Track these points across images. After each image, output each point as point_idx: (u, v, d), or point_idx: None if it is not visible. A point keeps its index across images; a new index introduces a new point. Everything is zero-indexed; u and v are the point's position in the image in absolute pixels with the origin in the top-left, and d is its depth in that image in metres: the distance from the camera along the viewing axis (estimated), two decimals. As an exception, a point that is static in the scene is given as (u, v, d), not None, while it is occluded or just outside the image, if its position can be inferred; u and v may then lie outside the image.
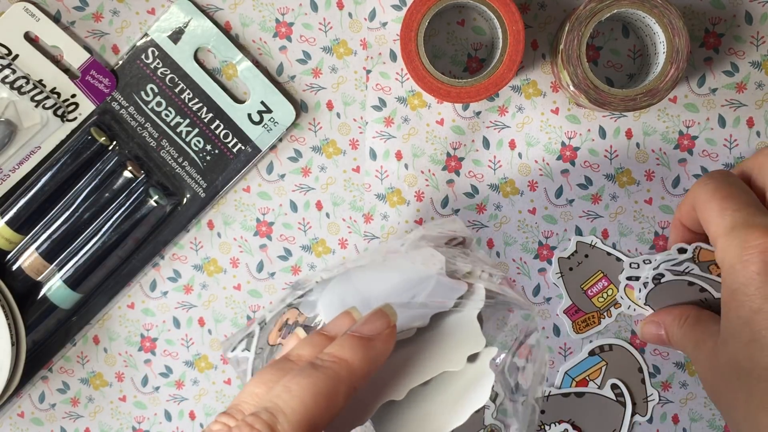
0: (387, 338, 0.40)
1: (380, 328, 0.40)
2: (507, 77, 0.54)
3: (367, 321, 0.40)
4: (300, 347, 0.41)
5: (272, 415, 0.36)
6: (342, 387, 0.37)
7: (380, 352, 0.39)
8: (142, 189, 0.58)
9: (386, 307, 0.40)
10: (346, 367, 0.38)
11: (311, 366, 0.38)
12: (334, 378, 0.37)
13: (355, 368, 0.38)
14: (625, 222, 0.59)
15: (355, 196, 0.60)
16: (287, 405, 0.36)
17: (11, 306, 0.58)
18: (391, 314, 0.40)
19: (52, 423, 0.62)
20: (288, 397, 0.37)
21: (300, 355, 0.40)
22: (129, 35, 0.59)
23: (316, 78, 0.59)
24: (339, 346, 0.39)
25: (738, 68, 0.58)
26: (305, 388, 0.37)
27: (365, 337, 0.39)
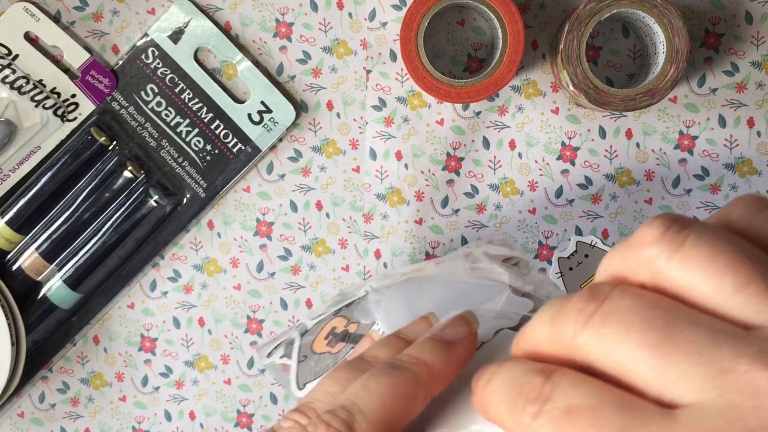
0: (468, 344, 0.38)
1: (462, 334, 0.38)
2: (507, 77, 0.54)
3: (448, 325, 0.38)
4: (375, 348, 0.39)
5: (350, 413, 0.34)
6: (421, 390, 0.36)
7: (461, 358, 0.37)
8: (142, 189, 0.58)
9: (467, 313, 0.39)
10: (426, 369, 0.36)
11: (391, 366, 0.36)
12: (414, 379, 0.36)
13: (436, 371, 0.36)
14: (625, 222, 0.59)
15: (355, 196, 0.60)
16: (365, 404, 0.35)
17: (11, 306, 0.58)
18: (473, 321, 0.39)
19: (52, 423, 0.62)
20: (366, 396, 0.35)
21: (376, 356, 0.38)
22: (129, 35, 0.59)
23: (316, 78, 0.59)
24: (419, 347, 0.37)
25: (738, 68, 0.58)
26: (385, 387, 0.35)
27: (446, 340, 0.37)
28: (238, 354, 0.61)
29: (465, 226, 0.59)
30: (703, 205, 0.59)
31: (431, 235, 0.59)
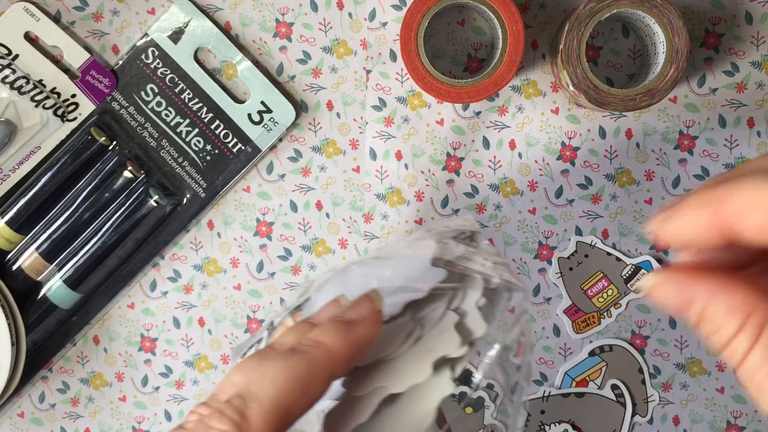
0: (371, 323, 0.38)
1: (364, 313, 0.39)
2: (507, 77, 0.54)
3: (351, 306, 0.39)
4: (284, 335, 0.40)
5: (244, 400, 0.35)
6: (319, 372, 0.36)
7: (363, 337, 0.38)
8: (142, 189, 0.58)
9: (372, 292, 0.40)
10: (325, 351, 0.37)
11: (289, 351, 0.37)
12: (311, 362, 0.36)
13: (335, 352, 0.37)
14: (625, 222, 0.59)
15: (355, 196, 0.60)
16: (260, 389, 0.35)
17: (11, 306, 0.58)
18: (376, 298, 0.39)
19: (52, 423, 0.62)
20: (262, 382, 0.36)
21: (283, 343, 0.39)
22: (129, 35, 0.59)
23: (316, 78, 0.59)
24: (320, 330, 0.38)
25: (738, 68, 0.58)
26: (280, 372, 0.36)
27: (347, 321, 0.38)
28: (238, 354, 0.61)
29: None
30: (703, 205, 0.59)
31: (431, 235, 0.59)
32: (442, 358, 0.41)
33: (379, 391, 0.41)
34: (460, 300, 0.43)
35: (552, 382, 0.60)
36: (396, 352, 0.41)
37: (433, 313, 0.42)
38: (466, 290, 0.43)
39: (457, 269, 0.43)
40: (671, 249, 0.51)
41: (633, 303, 0.59)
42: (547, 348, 0.60)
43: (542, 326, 0.60)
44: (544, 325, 0.60)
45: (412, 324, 0.42)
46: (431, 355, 0.41)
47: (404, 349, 0.41)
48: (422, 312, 0.42)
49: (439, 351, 0.41)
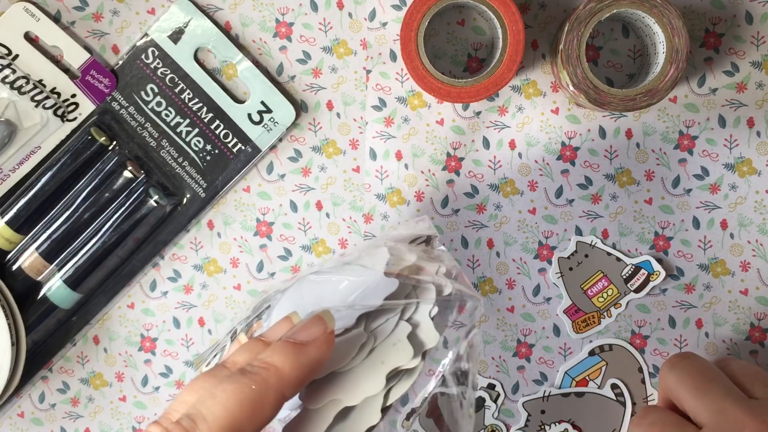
0: (322, 344, 0.39)
1: (315, 334, 0.39)
2: (507, 77, 0.54)
3: (303, 327, 0.39)
4: (237, 354, 0.40)
5: (193, 421, 0.36)
6: (270, 394, 0.37)
7: (314, 359, 0.39)
8: (142, 189, 0.58)
9: (324, 312, 0.40)
10: (275, 373, 0.37)
11: (240, 372, 0.37)
12: (261, 384, 0.37)
13: (285, 375, 0.37)
14: (625, 222, 0.59)
15: (355, 196, 0.60)
16: (210, 411, 0.36)
17: (11, 306, 0.58)
18: (328, 320, 0.40)
19: (52, 423, 0.62)
20: (212, 404, 0.36)
21: (235, 362, 0.39)
22: (129, 35, 0.59)
23: (316, 78, 0.59)
24: (271, 351, 0.38)
25: (738, 68, 0.58)
26: (230, 394, 0.36)
27: (299, 342, 0.39)
28: (238, 354, 0.61)
29: (465, 226, 0.59)
30: (703, 205, 0.59)
31: (431, 235, 0.60)
32: (395, 369, 0.41)
33: (334, 404, 0.41)
34: (414, 310, 0.43)
35: (552, 382, 0.60)
36: (350, 364, 0.41)
37: (387, 325, 0.42)
38: (419, 301, 0.43)
39: (410, 280, 0.44)
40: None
41: (633, 303, 0.59)
42: (547, 348, 0.60)
43: (542, 326, 0.60)
44: (544, 325, 0.60)
45: (365, 335, 0.42)
46: (385, 367, 0.41)
47: (358, 362, 0.41)
48: (376, 323, 0.43)
49: (393, 363, 0.41)
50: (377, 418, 0.41)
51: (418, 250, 0.46)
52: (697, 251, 0.59)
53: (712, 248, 0.59)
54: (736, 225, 0.59)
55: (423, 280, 0.44)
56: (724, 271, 0.59)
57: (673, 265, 0.59)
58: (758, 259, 0.59)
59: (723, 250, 0.59)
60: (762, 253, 0.59)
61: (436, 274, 0.44)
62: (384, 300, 0.42)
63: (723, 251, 0.59)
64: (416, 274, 0.44)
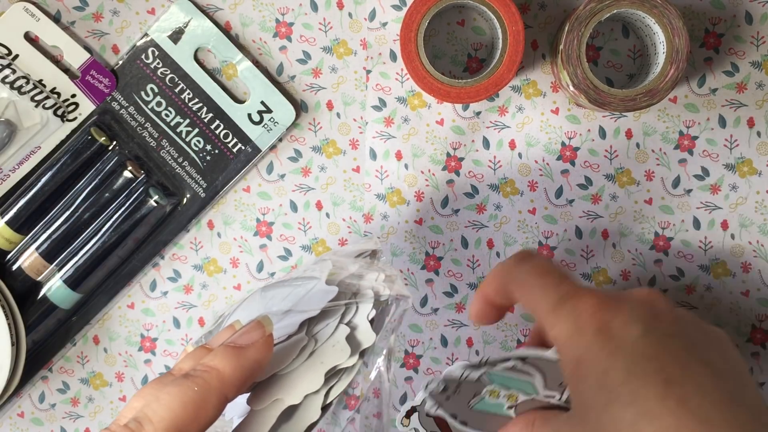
0: (261, 347, 0.41)
1: (254, 338, 0.41)
2: (507, 77, 0.54)
3: (243, 332, 0.42)
4: (182, 361, 0.42)
5: (139, 423, 0.38)
6: (212, 395, 0.39)
7: (254, 361, 0.41)
8: (142, 189, 0.58)
9: (263, 317, 0.42)
10: (216, 375, 0.40)
11: (183, 376, 0.40)
12: (203, 386, 0.39)
13: (227, 377, 0.40)
14: (625, 222, 0.59)
15: (355, 196, 0.60)
16: (155, 413, 0.38)
17: (11, 306, 0.58)
18: (266, 324, 0.42)
19: (52, 423, 0.62)
20: (156, 406, 0.38)
21: (181, 368, 0.42)
22: (129, 35, 0.59)
23: (316, 78, 0.59)
24: (212, 356, 0.41)
25: (738, 68, 0.58)
26: (174, 397, 0.39)
27: (238, 346, 0.41)
28: (238, 354, 0.61)
29: (465, 226, 0.59)
30: (703, 206, 0.59)
31: (431, 235, 0.59)
32: (333, 368, 0.44)
33: (277, 404, 0.43)
34: (353, 314, 0.46)
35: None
36: (291, 366, 0.44)
37: (327, 329, 0.45)
38: (358, 305, 0.46)
39: (350, 288, 0.47)
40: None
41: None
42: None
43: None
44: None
45: (306, 339, 0.45)
46: (324, 367, 0.44)
47: (298, 363, 0.44)
48: (317, 328, 0.45)
49: (331, 362, 0.44)
50: (317, 415, 0.44)
51: (360, 262, 0.50)
52: (697, 252, 0.59)
53: (713, 249, 0.59)
54: (736, 226, 0.59)
55: (363, 286, 0.47)
56: (725, 272, 0.59)
57: (674, 266, 0.59)
58: (759, 260, 0.59)
59: (724, 251, 0.59)
60: (763, 254, 0.59)
61: (376, 281, 0.47)
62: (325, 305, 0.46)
63: (724, 252, 0.59)
64: (354, 282, 0.48)
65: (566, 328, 0.41)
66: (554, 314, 0.41)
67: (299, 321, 0.45)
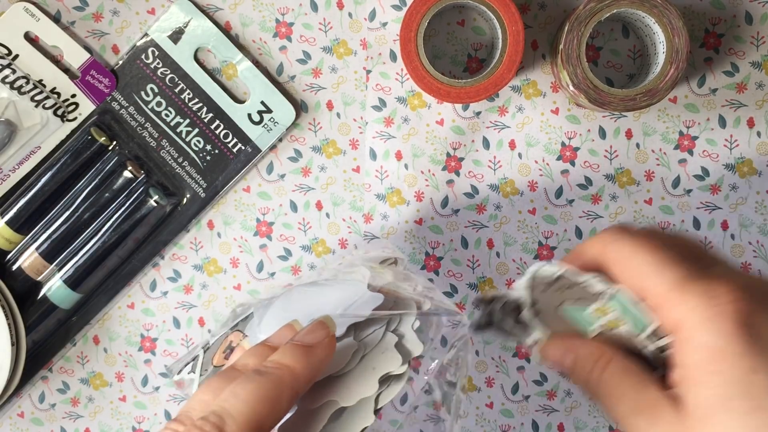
0: (327, 346, 0.42)
1: (320, 337, 0.42)
2: (507, 77, 0.54)
3: (307, 331, 0.42)
4: (245, 357, 0.43)
5: (220, 417, 0.38)
6: (285, 391, 0.40)
7: (321, 359, 0.42)
8: (142, 189, 0.58)
9: (326, 318, 0.43)
10: (288, 372, 0.40)
11: (256, 372, 0.40)
12: (277, 382, 0.40)
13: (298, 373, 0.40)
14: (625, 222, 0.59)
15: (355, 196, 0.60)
16: (234, 408, 0.38)
17: (11, 306, 0.58)
18: (330, 325, 0.43)
19: (52, 423, 0.62)
20: (235, 401, 0.39)
21: (245, 364, 0.42)
22: (129, 35, 0.59)
23: (316, 78, 0.59)
24: (282, 353, 0.41)
25: (738, 68, 0.58)
26: (251, 392, 0.39)
27: (306, 345, 0.42)
28: (238, 354, 0.61)
29: (465, 226, 0.59)
30: (703, 206, 0.59)
31: (431, 235, 0.59)
32: (386, 375, 0.45)
33: (330, 405, 0.44)
34: (398, 323, 0.47)
35: (552, 382, 0.60)
36: (344, 369, 0.45)
37: (374, 335, 0.46)
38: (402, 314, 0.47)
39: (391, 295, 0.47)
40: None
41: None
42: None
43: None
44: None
45: (356, 344, 0.45)
46: (376, 372, 0.45)
47: (351, 367, 0.45)
48: (364, 333, 0.46)
49: (384, 368, 0.45)
50: (371, 419, 0.44)
51: (391, 270, 0.50)
52: (697, 252, 0.59)
53: (713, 249, 0.59)
54: (736, 226, 0.59)
55: (403, 296, 0.47)
56: (725, 272, 0.59)
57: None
58: (759, 260, 0.59)
59: (724, 251, 0.59)
60: (763, 254, 0.59)
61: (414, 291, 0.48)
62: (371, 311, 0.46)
63: (724, 252, 0.59)
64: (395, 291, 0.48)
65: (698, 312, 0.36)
66: (679, 293, 0.36)
67: (346, 325, 0.45)
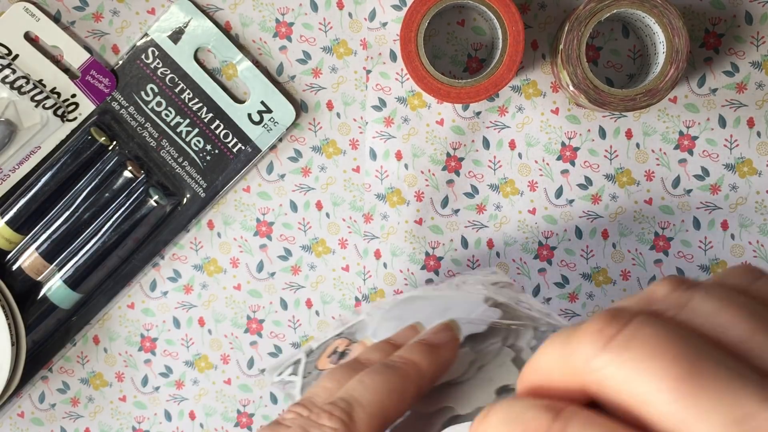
0: (452, 348, 0.42)
1: (446, 338, 0.42)
2: (507, 77, 0.54)
3: (433, 332, 0.42)
4: (368, 352, 0.43)
5: (349, 404, 0.38)
6: (411, 387, 0.39)
7: (446, 360, 0.41)
8: (142, 189, 0.58)
9: (451, 321, 0.43)
10: (415, 368, 0.40)
11: (384, 365, 0.40)
12: (404, 377, 0.39)
13: (423, 371, 0.40)
14: (625, 222, 0.59)
15: (355, 196, 0.60)
16: (363, 396, 0.38)
17: (11, 306, 0.58)
18: (455, 328, 0.43)
19: (52, 423, 0.62)
20: (363, 390, 0.38)
21: (369, 359, 0.42)
22: (129, 35, 0.59)
23: (316, 78, 0.59)
24: (409, 350, 0.41)
25: (738, 68, 0.58)
26: (379, 383, 0.38)
27: (432, 344, 0.41)
28: (238, 354, 0.61)
29: (465, 226, 0.59)
30: (703, 206, 0.59)
31: (431, 236, 0.59)
32: (503, 387, 0.44)
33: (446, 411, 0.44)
34: (514, 338, 0.47)
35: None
36: (461, 377, 0.44)
37: (491, 347, 0.46)
38: (518, 330, 0.47)
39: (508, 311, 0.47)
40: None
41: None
42: None
43: None
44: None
45: (473, 354, 0.45)
46: (493, 384, 0.44)
47: (469, 376, 0.45)
48: (481, 345, 0.46)
49: (500, 381, 0.44)
50: None
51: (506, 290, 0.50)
52: (697, 252, 0.59)
53: (713, 249, 0.59)
54: (737, 226, 0.59)
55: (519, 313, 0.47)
56: (725, 272, 0.59)
57: (674, 266, 0.59)
58: (760, 260, 0.59)
59: (724, 251, 0.59)
60: (763, 254, 0.59)
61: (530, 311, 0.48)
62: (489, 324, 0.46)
63: (724, 252, 0.59)
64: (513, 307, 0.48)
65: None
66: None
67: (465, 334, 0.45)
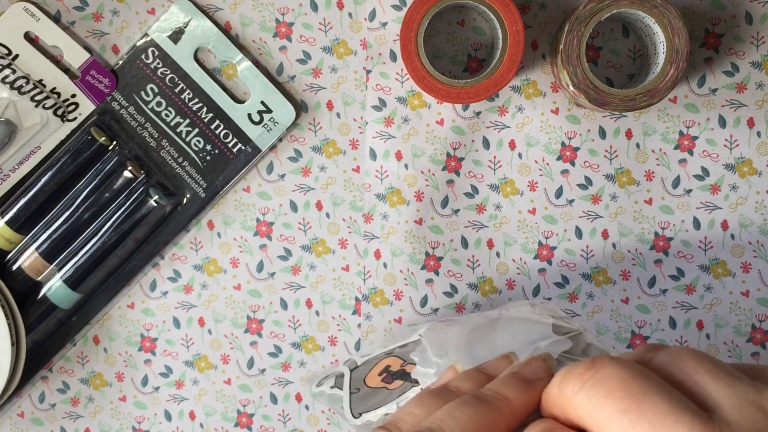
0: (546, 384, 0.39)
1: (541, 374, 0.39)
2: (507, 77, 0.54)
3: (528, 365, 0.40)
4: (459, 380, 0.41)
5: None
6: (502, 424, 0.37)
7: (539, 396, 0.39)
8: (142, 189, 0.58)
9: (546, 355, 0.41)
10: (508, 405, 0.38)
11: (476, 397, 0.38)
12: (496, 413, 0.37)
13: (516, 408, 0.38)
14: (625, 222, 0.59)
15: (355, 196, 0.60)
16: (451, 429, 0.36)
17: (11, 306, 0.58)
18: (551, 363, 0.40)
19: (52, 423, 0.62)
20: (452, 422, 0.36)
21: (459, 387, 0.40)
22: (129, 35, 0.59)
23: (316, 78, 0.59)
24: (502, 383, 0.39)
25: (738, 68, 0.58)
26: (470, 417, 0.37)
27: (527, 379, 0.39)
28: (238, 354, 0.61)
29: (465, 226, 0.59)
30: (703, 206, 0.59)
31: (431, 236, 0.59)
32: None
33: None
34: None
35: (552, 383, 0.60)
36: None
37: None
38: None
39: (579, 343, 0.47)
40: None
41: (633, 302, 0.59)
42: None
43: None
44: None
45: None
46: None
47: None
48: None
49: None
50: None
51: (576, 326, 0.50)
52: (697, 252, 0.59)
53: (713, 249, 0.59)
54: (736, 226, 0.59)
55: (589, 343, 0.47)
56: (725, 272, 0.59)
57: (674, 266, 0.59)
58: (759, 260, 0.59)
59: (724, 251, 0.59)
60: (763, 254, 0.59)
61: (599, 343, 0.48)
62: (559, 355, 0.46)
63: (724, 252, 0.59)
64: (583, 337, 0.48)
65: None
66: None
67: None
